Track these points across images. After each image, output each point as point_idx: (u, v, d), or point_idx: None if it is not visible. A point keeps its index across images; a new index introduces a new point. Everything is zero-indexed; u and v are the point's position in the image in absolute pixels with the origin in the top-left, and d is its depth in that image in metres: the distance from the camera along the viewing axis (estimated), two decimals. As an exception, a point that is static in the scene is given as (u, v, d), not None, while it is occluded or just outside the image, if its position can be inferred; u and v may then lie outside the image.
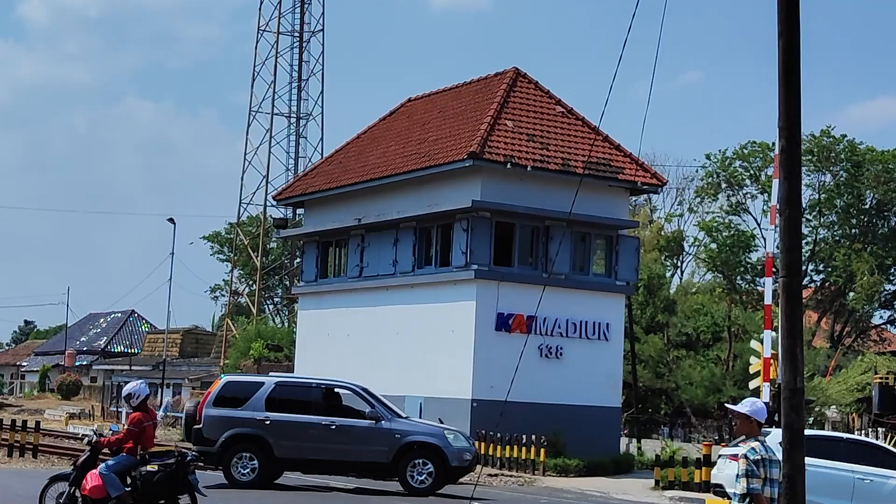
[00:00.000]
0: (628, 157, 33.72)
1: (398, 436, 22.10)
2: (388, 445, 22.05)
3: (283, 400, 22.51)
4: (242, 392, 22.63)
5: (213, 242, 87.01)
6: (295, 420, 22.30)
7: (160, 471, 14.31)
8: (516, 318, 31.43)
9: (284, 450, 22.18)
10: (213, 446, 22.09)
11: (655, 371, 44.26)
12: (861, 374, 42.04)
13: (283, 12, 65.42)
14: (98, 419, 58.68)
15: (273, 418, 22.22)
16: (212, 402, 22.49)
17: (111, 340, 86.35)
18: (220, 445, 22.06)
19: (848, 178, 52.74)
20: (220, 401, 22.51)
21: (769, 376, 25.81)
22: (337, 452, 22.25)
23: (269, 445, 22.10)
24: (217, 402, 22.49)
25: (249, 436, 22.13)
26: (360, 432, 22.24)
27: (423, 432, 22.42)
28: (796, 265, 10.79)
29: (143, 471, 14.27)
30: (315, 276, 38.25)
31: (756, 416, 9.49)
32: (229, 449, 22.07)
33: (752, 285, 54.60)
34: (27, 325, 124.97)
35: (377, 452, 22.10)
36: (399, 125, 37.59)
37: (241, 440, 22.12)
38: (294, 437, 22.21)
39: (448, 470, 22.11)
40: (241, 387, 22.89)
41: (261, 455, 22.08)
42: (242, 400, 22.46)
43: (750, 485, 9.20)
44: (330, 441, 22.20)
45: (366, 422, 22.35)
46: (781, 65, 10.82)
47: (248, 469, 22.03)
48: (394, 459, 22.00)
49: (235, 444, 22.10)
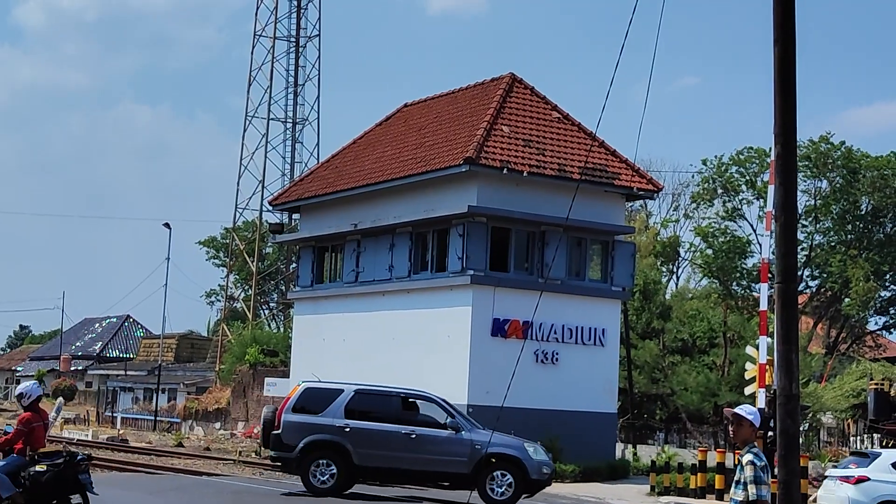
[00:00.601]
0: (624, 162, 33.76)
1: (478, 447, 21.93)
2: (469, 456, 21.91)
3: (361, 408, 22.40)
4: (321, 399, 22.53)
5: (209, 247, 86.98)
6: (375, 428, 22.19)
7: (48, 471, 14.30)
8: (512, 324, 31.43)
9: (364, 458, 22.08)
10: (292, 452, 22.06)
11: (651, 377, 44.25)
12: (856, 380, 42.05)
13: (279, 17, 65.45)
14: (93, 424, 58.64)
15: (353, 426, 22.09)
16: (291, 409, 22.39)
17: (106, 345, 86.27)
18: (298, 451, 22.01)
19: (843, 185, 52.78)
20: (299, 407, 22.43)
21: (765, 382, 25.84)
22: (416, 462, 22.13)
23: (349, 453, 22.01)
24: (296, 408, 22.40)
25: (329, 443, 22.07)
26: (440, 442, 22.13)
27: (503, 444, 22.24)
28: (792, 271, 10.81)
29: (32, 471, 14.30)
30: (311, 281, 38.23)
31: (757, 422, 9.49)
32: (308, 455, 22.01)
33: (747, 291, 54.56)
34: (22, 329, 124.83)
35: (457, 463, 21.96)
36: (395, 130, 37.62)
37: (321, 447, 22.06)
38: (374, 446, 22.11)
39: (528, 483, 21.98)
40: (320, 394, 22.73)
41: (340, 462, 21.99)
42: (321, 407, 22.37)
43: (760, 492, 9.15)
44: (409, 450, 22.08)
45: (445, 432, 22.21)
46: (777, 71, 10.85)
47: (326, 476, 21.97)
48: (474, 471, 21.85)
49: (314, 451, 22.03)
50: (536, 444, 23.11)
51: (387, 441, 22.13)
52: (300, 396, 22.59)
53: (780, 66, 10.83)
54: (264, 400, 48.10)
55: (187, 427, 56.29)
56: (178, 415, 58.78)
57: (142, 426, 59.06)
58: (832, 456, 35.95)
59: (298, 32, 66.66)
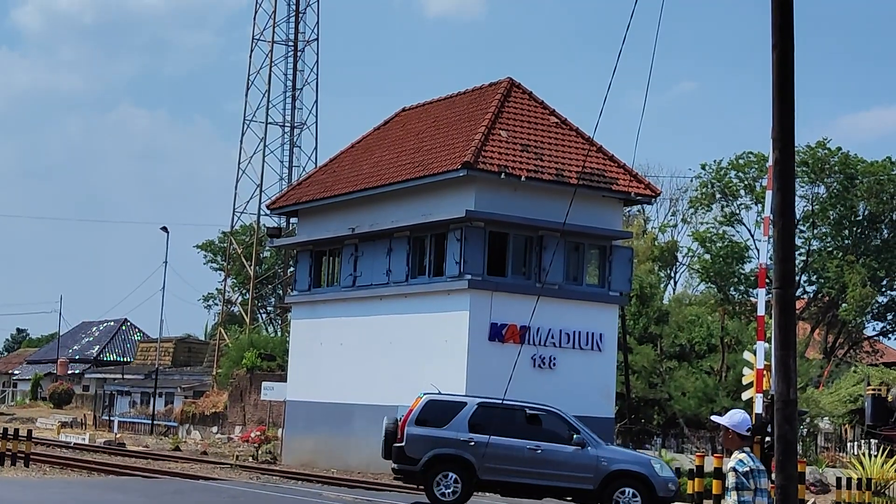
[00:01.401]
0: (622, 167, 33.77)
1: (604, 463, 21.87)
2: (594, 472, 21.83)
3: (485, 421, 22.30)
4: (444, 412, 22.49)
5: (207, 251, 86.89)
6: (500, 442, 22.06)
7: None
8: (510, 328, 31.43)
9: (488, 472, 21.99)
10: (416, 465, 22.01)
11: (648, 381, 44.26)
12: (854, 386, 42.08)
13: (277, 22, 65.48)
14: (90, 428, 58.58)
15: (478, 439, 22.01)
16: (413, 421, 22.34)
17: (104, 349, 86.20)
18: (423, 465, 21.96)
19: (840, 190, 52.84)
20: (422, 420, 22.38)
21: (762, 387, 25.80)
22: (541, 477, 22.03)
23: (473, 467, 21.92)
24: (419, 420, 22.36)
25: (453, 456, 22.01)
26: (566, 457, 22.05)
27: (629, 460, 22.18)
28: (790, 276, 10.81)
29: None
30: (308, 285, 38.22)
31: (737, 428, 9.41)
32: (432, 468, 21.94)
33: (745, 296, 54.63)
34: (19, 333, 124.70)
35: (582, 479, 21.87)
36: (393, 135, 37.62)
37: (445, 460, 22.00)
38: (498, 460, 21.99)
39: (654, 500, 21.84)
40: (443, 406, 22.67)
41: (464, 476, 21.91)
42: (444, 420, 22.33)
43: (741, 497, 9.17)
44: (535, 465, 22.01)
45: (571, 447, 22.13)
46: (775, 76, 10.85)
47: (450, 490, 21.89)
48: (599, 487, 21.76)
49: (439, 464, 21.97)
50: (661, 460, 23.01)
51: (512, 455, 22.04)
52: (422, 409, 22.53)
53: (778, 71, 10.83)
54: (261, 404, 48.13)
55: (184, 431, 56.25)
56: (176, 419, 58.74)
57: (139, 430, 59.02)
58: (829, 461, 35.97)
59: (297, 36, 66.70)
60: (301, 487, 27.10)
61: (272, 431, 41.35)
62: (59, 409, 72.02)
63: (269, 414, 47.25)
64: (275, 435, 40.38)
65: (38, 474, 26.77)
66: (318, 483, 29.17)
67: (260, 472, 32.46)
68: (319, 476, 31.19)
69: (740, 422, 9.43)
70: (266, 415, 47.78)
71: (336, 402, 35.51)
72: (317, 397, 36.49)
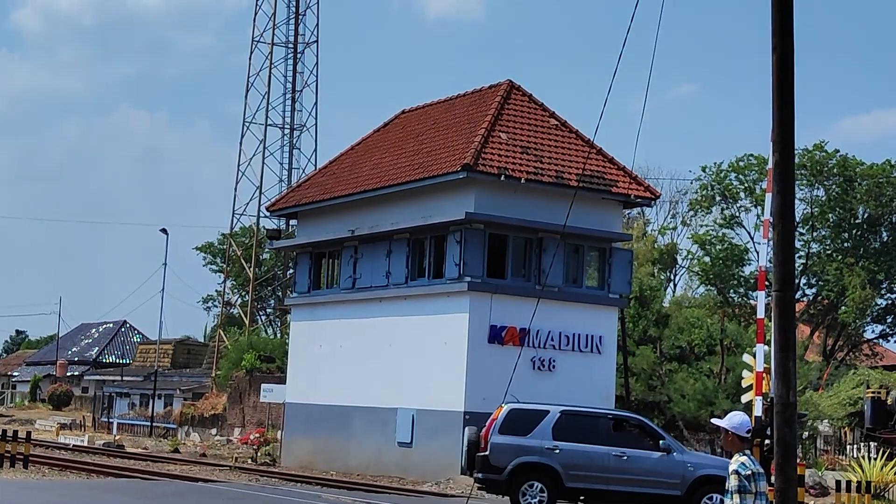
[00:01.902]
0: (622, 170, 33.77)
1: (691, 468, 21.86)
2: (681, 478, 21.82)
3: (568, 429, 22.33)
4: (526, 420, 22.54)
5: (206, 253, 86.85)
6: (586, 450, 22.09)
7: None
8: (509, 331, 31.42)
9: (574, 479, 22.01)
10: (501, 474, 22.02)
11: (648, 384, 44.23)
12: (853, 389, 42.06)
13: (277, 23, 65.48)
14: (89, 429, 58.55)
15: (563, 447, 22.03)
16: (497, 430, 22.37)
17: (103, 351, 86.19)
18: (508, 473, 21.98)
19: (840, 193, 52.83)
20: (505, 428, 22.40)
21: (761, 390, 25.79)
22: (627, 483, 22.03)
23: (559, 475, 21.93)
24: (502, 430, 22.38)
25: (538, 465, 22.07)
26: (653, 464, 22.04)
27: (715, 465, 22.14)
28: (790, 279, 10.80)
29: None
30: (308, 287, 38.21)
31: (737, 430, 9.42)
32: (518, 477, 21.98)
33: (744, 299, 54.58)
34: (18, 334, 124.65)
35: (669, 485, 21.87)
36: (393, 137, 37.62)
37: (530, 469, 22.06)
38: (584, 467, 22.03)
39: None
40: (526, 415, 22.74)
41: (549, 484, 21.94)
42: (528, 428, 22.39)
43: (743, 501, 9.16)
44: (621, 472, 22.01)
45: (657, 454, 22.10)
46: (775, 79, 10.84)
47: (536, 499, 21.92)
48: (687, 493, 21.75)
49: (525, 473, 22.02)
50: None
51: (597, 463, 22.04)
52: (505, 418, 22.54)
53: (778, 74, 10.82)
54: (260, 406, 48.11)
55: (183, 433, 56.22)
56: (175, 421, 58.73)
57: (138, 432, 58.97)
58: (829, 464, 35.94)
59: (296, 38, 66.70)
60: (300, 489, 27.08)
61: (271, 433, 41.32)
62: (58, 411, 71.98)
63: (268, 416, 47.24)
64: (274, 437, 40.35)
65: (37, 476, 26.75)
66: (317, 485, 29.14)
67: (259, 474, 32.44)
68: (318, 478, 31.17)
69: (740, 424, 9.43)
70: (265, 417, 47.76)
71: (335, 405, 35.51)
72: (316, 399, 36.48)
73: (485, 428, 22.72)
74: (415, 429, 32.42)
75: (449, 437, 31.08)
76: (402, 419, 32.82)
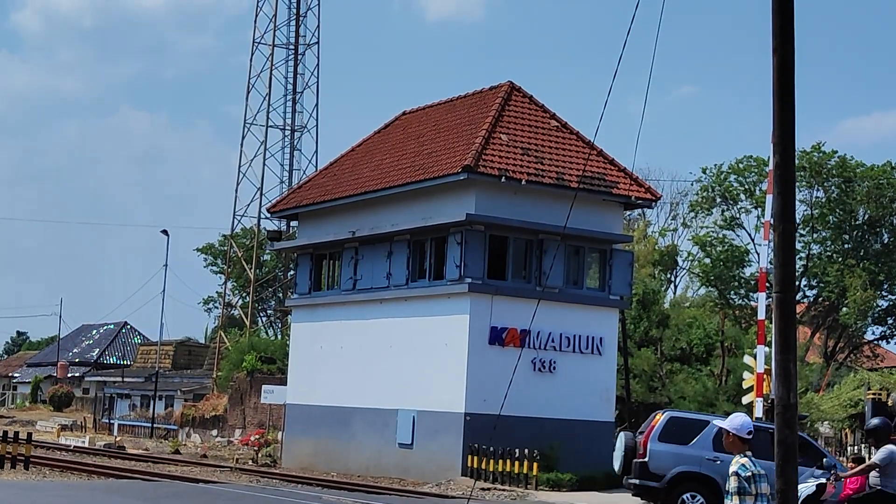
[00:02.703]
0: (622, 171, 33.78)
1: None
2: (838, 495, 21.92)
3: None
4: (686, 429, 22.48)
5: (207, 254, 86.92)
6: None
7: None
8: (510, 332, 31.42)
9: None
10: (660, 482, 22.02)
11: (649, 385, 44.22)
12: (854, 390, 42.05)
13: (278, 25, 65.51)
14: (90, 431, 58.55)
15: (724, 459, 21.72)
16: (657, 437, 22.35)
17: (104, 352, 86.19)
18: (667, 481, 21.97)
19: (840, 194, 52.82)
20: (665, 436, 22.38)
21: (762, 391, 25.86)
22: None
23: (719, 487, 21.75)
24: (661, 437, 22.36)
25: (698, 475, 22.02)
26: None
27: None
28: (790, 280, 10.80)
29: None
30: (309, 288, 38.21)
31: (738, 432, 9.45)
32: (678, 486, 21.96)
33: (745, 300, 54.57)
34: (19, 336, 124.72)
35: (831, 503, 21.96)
36: (393, 138, 37.63)
37: (690, 479, 22.04)
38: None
39: None
40: (685, 423, 22.71)
41: (708, 495, 21.91)
42: (687, 437, 22.34)
43: (743, 502, 9.19)
44: None
45: (819, 471, 21.85)
46: (776, 81, 10.84)
47: None
48: None
49: (684, 482, 22.00)
50: None
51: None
52: (664, 425, 22.52)
53: (778, 76, 10.82)
54: (261, 407, 48.11)
55: (184, 434, 56.22)
56: (175, 422, 58.72)
57: (139, 433, 58.96)
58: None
59: (297, 40, 66.73)
60: (301, 491, 27.11)
61: (272, 434, 41.33)
62: (59, 412, 71.99)
63: (268, 417, 47.24)
64: (275, 438, 40.36)
65: (38, 477, 26.78)
66: (317, 486, 29.17)
67: (260, 475, 32.46)
68: (319, 479, 31.19)
69: (741, 425, 9.46)
70: (266, 418, 47.77)
71: (336, 406, 35.52)
72: (317, 400, 36.49)
73: (643, 434, 22.63)
74: (415, 430, 32.43)
75: (449, 439, 31.11)
76: (402, 420, 32.84)
